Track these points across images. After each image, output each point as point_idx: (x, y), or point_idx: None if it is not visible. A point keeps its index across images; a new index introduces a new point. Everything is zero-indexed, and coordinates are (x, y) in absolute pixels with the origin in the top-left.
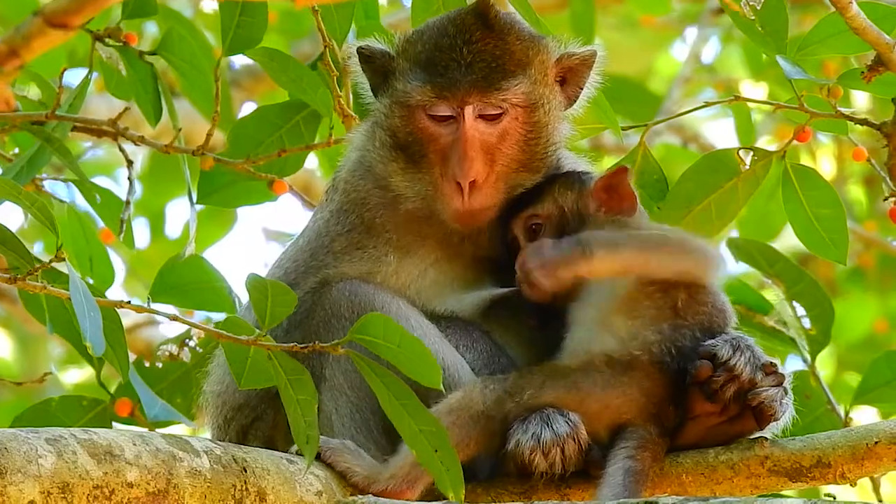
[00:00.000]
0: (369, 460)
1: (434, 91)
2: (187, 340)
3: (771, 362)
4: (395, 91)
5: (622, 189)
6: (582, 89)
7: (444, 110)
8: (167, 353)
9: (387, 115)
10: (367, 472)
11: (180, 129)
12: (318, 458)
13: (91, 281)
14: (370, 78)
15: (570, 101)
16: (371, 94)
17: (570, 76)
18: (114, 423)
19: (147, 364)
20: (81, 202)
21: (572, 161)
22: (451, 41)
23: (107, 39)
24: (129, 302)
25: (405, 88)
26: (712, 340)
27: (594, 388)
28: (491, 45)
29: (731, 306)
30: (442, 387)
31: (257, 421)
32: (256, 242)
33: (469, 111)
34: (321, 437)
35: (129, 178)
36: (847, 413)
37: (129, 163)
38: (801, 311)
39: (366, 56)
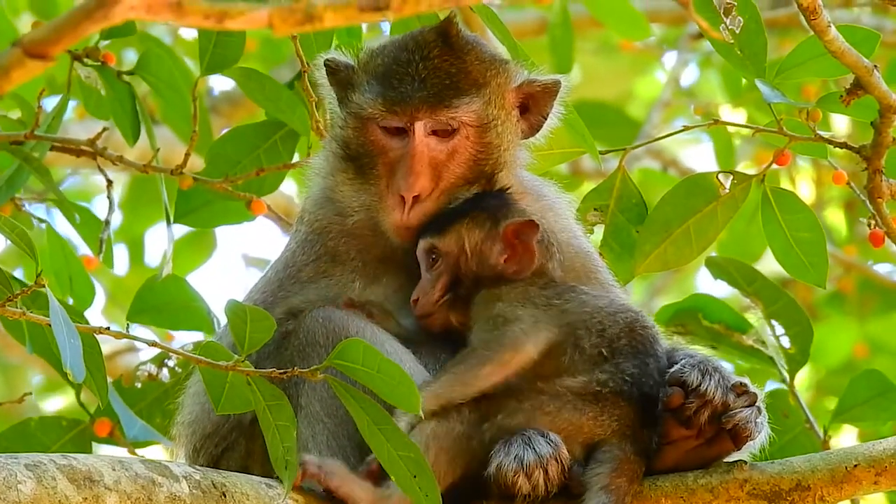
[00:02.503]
0: (367, 486)
1: (385, 104)
2: (166, 360)
3: (741, 382)
4: (351, 103)
5: (528, 242)
6: (545, 118)
7: (395, 123)
8: (146, 374)
9: (342, 126)
10: (371, 499)
11: (158, 150)
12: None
13: (71, 301)
14: (336, 91)
15: (533, 129)
16: (337, 107)
17: (533, 103)
18: (93, 444)
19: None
20: (61, 226)
21: (532, 183)
22: (409, 56)
23: (85, 59)
24: (108, 328)
25: (359, 101)
26: (679, 365)
27: (564, 411)
28: (447, 63)
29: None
30: (421, 412)
31: (228, 451)
32: (236, 269)
33: (420, 126)
34: (314, 456)
35: (108, 197)
36: (826, 432)
37: (109, 182)
38: (779, 329)
39: (331, 69)
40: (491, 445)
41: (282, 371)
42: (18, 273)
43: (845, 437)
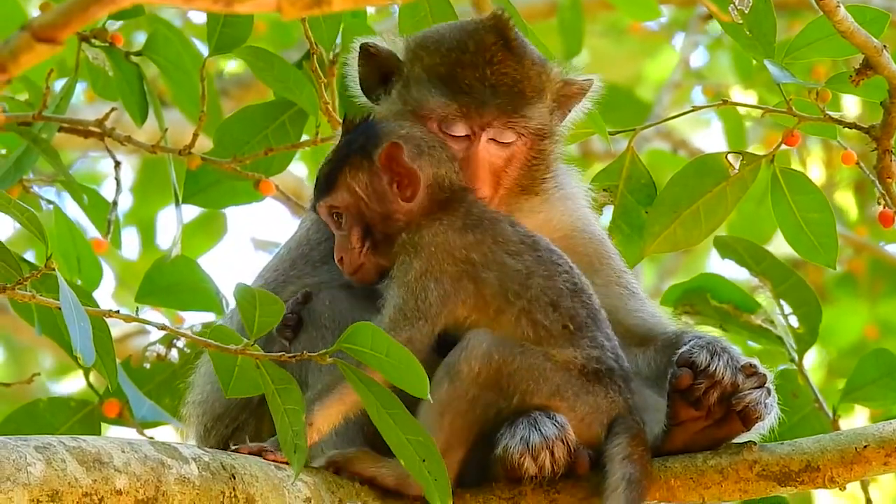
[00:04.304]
0: (394, 463)
1: (459, 109)
2: (175, 341)
3: (750, 363)
4: (409, 99)
5: (401, 162)
6: (570, 111)
7: (460, 129)
8: (155, 354)
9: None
10: (396, 474)
11: (166, 130)
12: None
13: (79, 283)
14: (367, 75)
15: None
16: (361, 90)
17: (565, 101)
18: (102, 425)
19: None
20: (69, 209)
21: (565, 169)
22: (472, 58)
23: (93, 40)
24: (118, 311)
25: (422, 99)
26: (687, 346)
27: (581, 395)
28: (511, 68)
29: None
30: (429, 397)
31: (238, 431)
32: (246, 252)
33: (485, 133)
34: (334, 450)
35: (116, 178)
36: (835, 411)
37: (117, 163)
38: (788, 309)
39: (371, 54)
40: (502, 423)
41: (291, 355)
42: (27, 255)
43: (856, 419)
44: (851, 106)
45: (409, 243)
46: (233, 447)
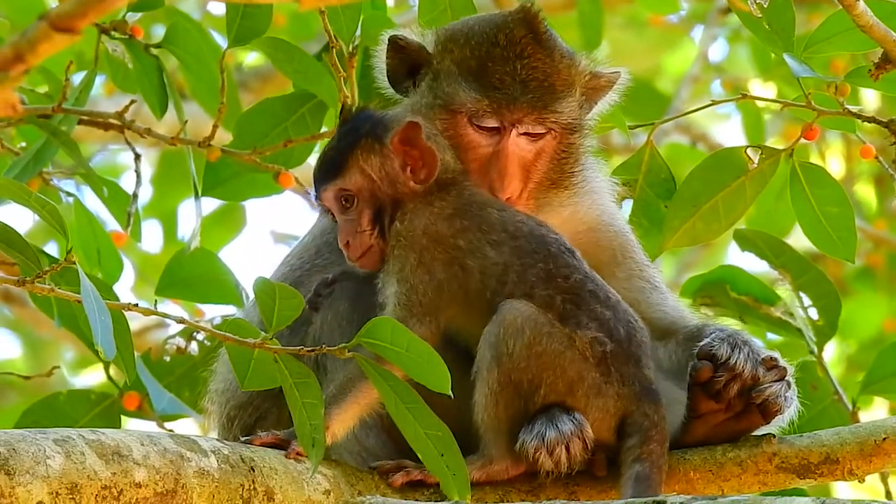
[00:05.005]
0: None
1: (491, 105)
2: (195, 334)
3: (771, 356)
4: (440, 92)
5: (418, 143)
6: (596, 104)
7: (492, 123)
8: (175, 347)
9: (425, 116)
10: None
11: (186, 122)
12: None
13: (99, 276)
14: (395, 67)
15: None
16: (388, 83)
17: (591, 94)
18: (122, 417)
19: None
20: (89, 201)
21: (592, 162)
22: (503, 52)
23: (112, 33)
24: (136, 305)
25: (453, 93)
26: (708, 339)
27: (591, 398)
28: (542, 62)
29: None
30: (450, 392)
31: (261, 420)
32: (265, 244)
33: (516, 128)
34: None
35: (136, 171)
36: (855, 404)
37: (137, 156)
38: (807, 301)
39: (399, 46)
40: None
41: (310, 349)
42: (47, 248)
43: (875, 411)
44: (871, 100)
45: (402, 234)
46: (243, 439)
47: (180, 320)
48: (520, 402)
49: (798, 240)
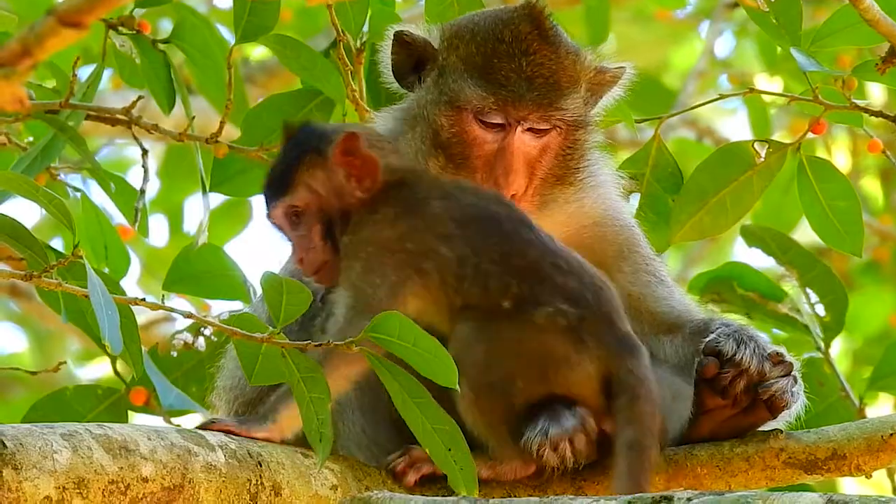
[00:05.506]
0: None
1: (496, 102)
2: (202, 329)
3: (777, 352)
4: (445, 88)
5: (359, 152)
6: (602, 99)
7: (498, 119)
8: (182, 342)
9: (431, 111)
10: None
11: (193, 118)
12: None
13: (106, 270)
14: (400, 63)
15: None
16: (393, 77)
17: (597, 89)
18: (129, 413)
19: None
20: (96, 196)
21: (597, 157)
22: (508, 49)
23: (120, 28)
24: (143, 299)
25: (459, 89)
26: (714, 335)
27: (568, 370)
28: (547, 59)
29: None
30: (457, 386)
31: None
32: (271, 239)
33: (521, 125)
34: (361, 431)
35: (143, 166)
36: (862, 400)
37: (144, 151)
38: (814, 298)
39: (405, 42)
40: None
41: (317, 343)
42: (54, 243)
43: (882, 407)
44: (877, 94)
45: (350, 245)
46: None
47: (188, 315)
48: (504, 401)
49: (804, 234)
